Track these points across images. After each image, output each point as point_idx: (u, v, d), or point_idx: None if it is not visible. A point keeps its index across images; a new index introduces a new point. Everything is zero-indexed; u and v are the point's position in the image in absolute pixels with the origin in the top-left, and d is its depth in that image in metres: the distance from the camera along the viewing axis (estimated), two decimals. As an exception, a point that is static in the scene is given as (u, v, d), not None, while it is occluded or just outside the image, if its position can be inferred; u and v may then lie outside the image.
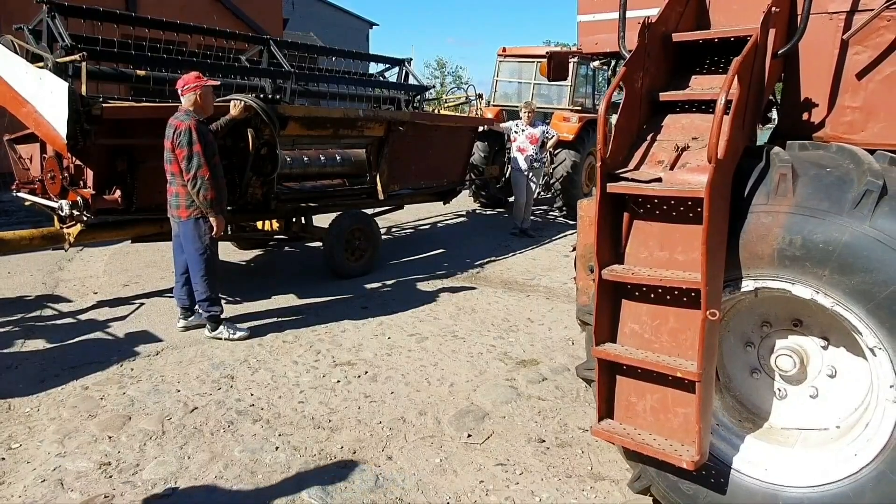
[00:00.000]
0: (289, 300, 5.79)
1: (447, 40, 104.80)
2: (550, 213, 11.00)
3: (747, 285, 2.28)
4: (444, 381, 4.19)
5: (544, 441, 3.47)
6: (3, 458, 3.11)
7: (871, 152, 2.24)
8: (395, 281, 6.54)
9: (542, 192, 10.36)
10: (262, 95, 5.65)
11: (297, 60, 7.68)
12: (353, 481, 3.03)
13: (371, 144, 6.97)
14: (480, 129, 9.14)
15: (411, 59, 8.56)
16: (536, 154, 8.79)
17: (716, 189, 2.05)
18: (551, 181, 10.15)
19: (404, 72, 8.59)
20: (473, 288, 6.44)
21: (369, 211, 7.13)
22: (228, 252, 7.23)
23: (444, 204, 8.97)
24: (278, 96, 6.09)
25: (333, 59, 8.20)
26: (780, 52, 2.33)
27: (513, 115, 9.94)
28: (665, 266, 2.31)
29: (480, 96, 10.02)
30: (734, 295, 2.33)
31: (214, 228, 4.58)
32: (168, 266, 6.63)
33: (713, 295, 2.14)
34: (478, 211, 11.21)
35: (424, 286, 6.41)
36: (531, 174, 8.87)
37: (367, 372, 4.28)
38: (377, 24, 40.52)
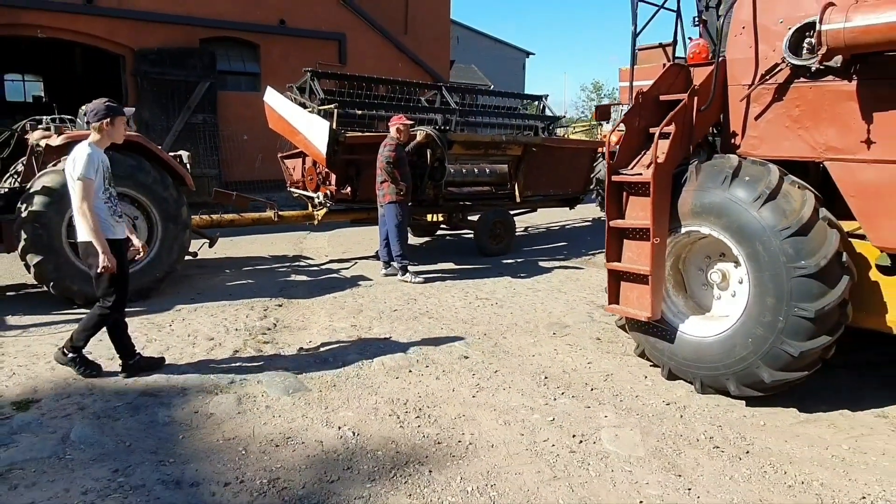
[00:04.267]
0: (448, 265, 8.45)
1: (610, 58, 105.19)
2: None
3: (682, 230, 4.44)
4: (545, 310, 6.53)
5: (600, 339, 5.69)
6: (302, 321, 5.95)
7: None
8: (524, 260, 8.97)
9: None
10: (436, 126, 8.36)
11: (461, 98, 10.40)
12: (483, 342, 5.48)
13: (511, 161, 9.50)
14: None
15: (548, 95, 10.95)
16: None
17: (658, 178, 4.26)
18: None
19: (542, 105, 11.02)
20: (582, 268, 8.66)
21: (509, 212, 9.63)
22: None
23: (570, 209, 11.24)
24: (447, 126, 8.79)
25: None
26: (702, 108, 4.46)
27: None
28: (642, 219, 4.52)
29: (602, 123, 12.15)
30: (677, 237, 4.50)
31: (404, 191, 7.27)
32: (367, 244, 9.60)
33: (658, 230, 4.33)
34: (601, 218, 13.24)
35: (545, 264, 8.75)
36: (643, 186, 10.85)
37: (496, 303, 6.74)
38: (533, 53, 43.40)
